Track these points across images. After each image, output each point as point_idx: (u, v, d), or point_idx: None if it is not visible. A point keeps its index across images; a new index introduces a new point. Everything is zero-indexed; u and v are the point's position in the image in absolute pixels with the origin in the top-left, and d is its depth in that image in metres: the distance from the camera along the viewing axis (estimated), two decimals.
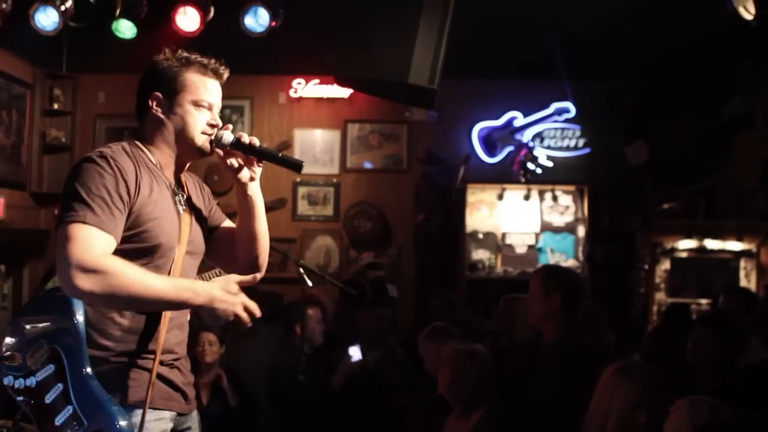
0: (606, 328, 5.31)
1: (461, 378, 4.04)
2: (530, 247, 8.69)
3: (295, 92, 8.75)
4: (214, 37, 6.44)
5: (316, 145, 8.82)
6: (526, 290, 4.27)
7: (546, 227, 8.70)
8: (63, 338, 2.51)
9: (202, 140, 2.68)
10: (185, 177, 2.82)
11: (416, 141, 8.79)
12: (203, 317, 2.54)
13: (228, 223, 2.94)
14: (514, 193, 8.66)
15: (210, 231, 2.87)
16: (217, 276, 4.82)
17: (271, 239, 7.75)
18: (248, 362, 5.86)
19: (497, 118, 8.69)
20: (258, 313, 2.55)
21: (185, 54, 2.72)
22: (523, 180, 8.48)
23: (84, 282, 2.33)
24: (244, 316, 2.50)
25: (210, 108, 2.71)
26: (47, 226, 8.33)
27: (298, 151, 8.78)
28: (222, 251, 2.89)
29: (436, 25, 4.39)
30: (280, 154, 2.81)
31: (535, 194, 8.65)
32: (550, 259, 8.58)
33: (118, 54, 7.31)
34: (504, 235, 8.69)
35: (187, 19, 6.29)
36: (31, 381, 2.54)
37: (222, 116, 8.00)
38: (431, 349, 4.78)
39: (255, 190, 2.83)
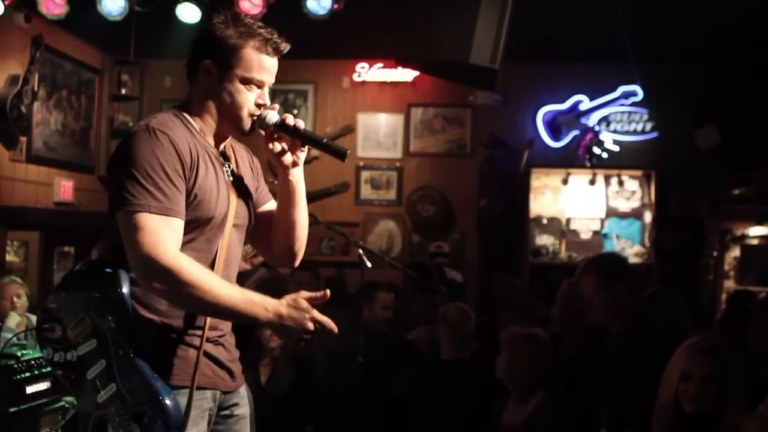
0: (683, 311, 5.17)
1: (519, 362, 3.98)
2: (595, 232, 8.57)
3: (359, 76, 8.75)
4: (276, 20, 6.47)
5: (380, 129, 8.80)
6: None
7: (611, 213, 8.56)
8: (107, 312, 2.41)
9: (246, 119, 2.53)
10: (232, 146, 2.70)
11: (480, 125, 8.72)
12: (274, 332, 2.46)
13: (271, 206, 2.76)
14: (579, 178, 8.53)
15: (254, 208, 2.72)
16: (249, 253, 4.87)
17: (334, 223, 7.79)
18: (315, 346, 5.88)
19: (562, 101, 8.58)
20: (334, 328, 2.46)
21: (246, 23, 2.54)
22: (588, 164, 8.37)
23: (155, 282, 2.30)
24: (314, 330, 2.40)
25: (261, 86, 2.55)
26: None
27: (362, 135, 8.79)
28: (259, 234, 2.75)
29: (498, 4, 4.33)
30: (324, 140, 2.59)
31: (600, 179, 8.51)
32: (615, 245, 8.45)
33: (184, 39, 7.39)
34: (568, 221, 8.58)
35: (250, 3, 6.31)
36: (72, 355, 2.44)
37: (285, 101, 8.02)
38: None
39: (297, 176, 2.64)
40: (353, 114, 8.82)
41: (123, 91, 8.70)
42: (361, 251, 4.99)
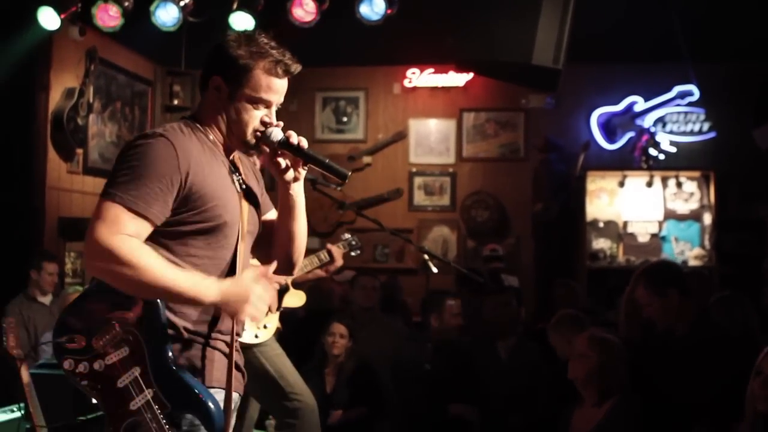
0: (752, 315, 5.07)
1: (597, 366, 3.91)
2: (653, 235, 8.43)
3: (410, 82, 8.71)
4: (329, 27, 6.45)
5: (431, 135, 8.75)
6: None
7: (669, 215, 8.42)
8: (140, 320, 2.43)
9: (250, 136, 2.58)
10: (238, 158, 2.74)
11: (533, 129, 8.63)
12: (225, 312, 2.48)
13: (272, 215, 2.83)
14: (636, 180, 8.40)
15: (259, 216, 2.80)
16: (350, 244, 4.85)
17: (390, 231, 7.73)
18: (367, 351, 5.85)
19: (617, 103, 8.46)
20: (273, 305, 2.52)
21: (258, 43, 2.57)
22: (644, 166, 8.24)
23: (99, 264, 2.34)
24: (260, 307, 2.45)
25: (268, 106, 2.60)
26: None
27: (414, 141, 8.74)
28: (260, 242, 2.79)
29: (560, 3, 4.27)
30: (327, 161, 2.63)
31: (657, 181, 8.38)
32: (674, 248, 8.30)
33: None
34: (625, 224, 8.46)
35: (303, 10, 6.30)
36: (99, 364, 2.42)
37: (337, 108, 7.99)
38: (561, 338, 4.66)
39: (297, 191, 2.69)
40: (405, 120, 8.77)
41: (175, 102, 8.73)
42: (426, 256, 4.94)
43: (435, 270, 4.96)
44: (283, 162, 2.60)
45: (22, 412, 4.30)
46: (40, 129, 7.05)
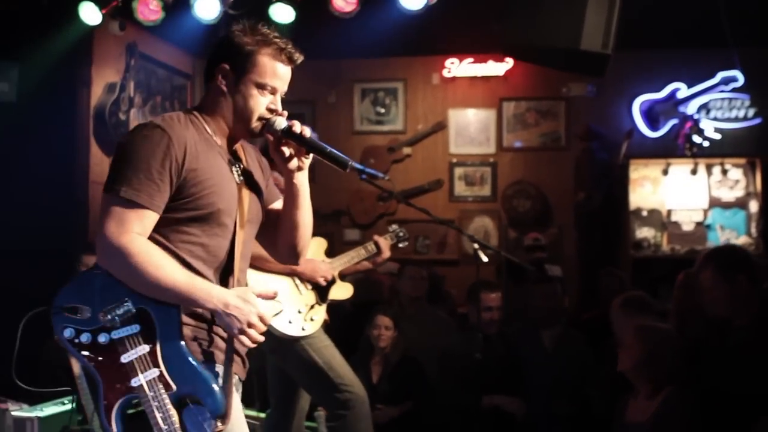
0: None
1: (644, 357, 3.84)
2: (698, 224, 8.30)
3: (449, 72, 8.64)
4: (369, 17, 6.42)
5: (471, 125, 8.68)
6: None
7: (715, 203, 8.28)
8: (157, 300, 2.47)
9: (256, 123, 2.66)
10: (242, 148, 2.82)
11: (574, 117, 8.53)
12: (218, 322, 2.53)
13: (278, 204, 2.90)
14: (680, 168, 8.27)
15: (263, 205, 2.86)
16: (397, 236, 4.83)
17: (430, 221, 7.69)
18: (414, 342, 5.83)
19: (659, 90, 8.33)
20: (269, 321, 2.57)
21: (263, 32, 2.68)
22: (688, 154, 8.11)
23: (108, 261, 2.46)
24: (259, 326, 2.52)
25: (273, 92, 2.68)
26: None
27: (453, 131, 8.68)
28: (266, 231, 2.87)
29: None
30: (329, 149, 2.70)
31: (702, 168, 8.24)
32: (719, 236, 8.17)
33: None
34: (669, 212, 8.33)
35: (344, 1, 6.26)
36: (104, 338, 2.46)
37: (375, 99, 7.96)
38: (626, 321, 4.58)
39: (302, 180, 2.75)
40: (444, 110, 8.71)
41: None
42: (476, 245, 4.89)
43: (485, 259, 4.90)
44: (287, 151, 2.68)
45: (74, 404, 4.33)
46: (82, 124, 7.10)
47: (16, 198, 6.43)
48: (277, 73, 2.66)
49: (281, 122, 2.66)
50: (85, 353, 2.47)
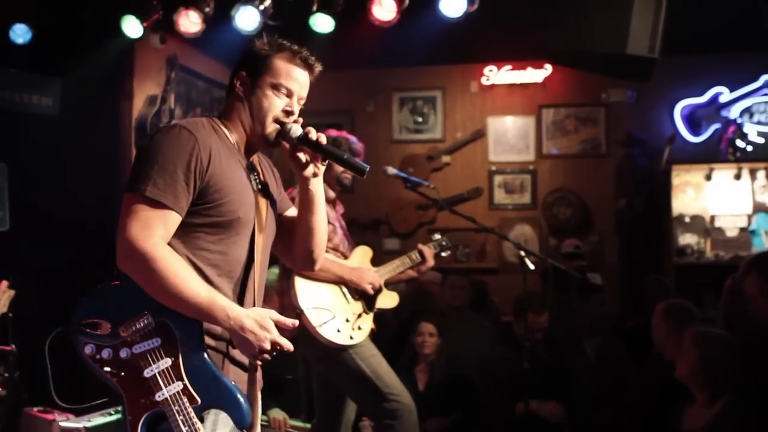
0: None
1: (701, 364, 3.78)
2: (742, 229, 8.18)
3: (487, 80, 8.61)
4: (409, 26, 6.41)
5: (510, 133, 8.64)
6: None
7: (759, 208, 8.15)
8: (176, 312, 2.45)
9: (271, 127, 2.67)
10: (258, 159, 2.83)
11: (614, 123, 8.46)
12: (232, 339, 2.51)
13: (292, 212, 2.93)
14: (723, 173, 8.16)
15: (277, 215, 2.89)
16: (440, 245, 4.82)
17: (470, 230, 7.65)
18: (458, 350, 5.80)
19: (701, 94, 8.24)
20: (290, 348, 2.53)
21: (279, 41, 2.73)
22: (731, 159, 7.99)
23: (130, 264, 2.42)
24: (268, 351, 2.49)
25: (289, 95, 2.69)
26: None
27: (492, 139, 8.64)
28: (281, 239, 2.88)
29: None
30: (345, 156, 2.71)
31: (746, 173, 8.12)
32: (765, 242, 8.04)
33: (312, 52, 7.41)
34: (713, 218, 8.22)
35: (383, 9, 6.26)
36: (126, 353, 2.43)
37: (414, 108, 7.95)
38: (667, 328, 4.53)
39: (317, 187, 2.77)
40: (483, 118, 8.68)
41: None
42: (522, 252, 4.86)
43: (532, 267, 4.86)
44: (302, 157, 2.68)
45: (121, 415, 4.34)
46: (124, 136, 7.15)
47: (59, 211, 6.49)
48: (291, 74, 2.68)
49: (297, 129, 2.66)
50: (107, 369, 2.45)
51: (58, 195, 6.56)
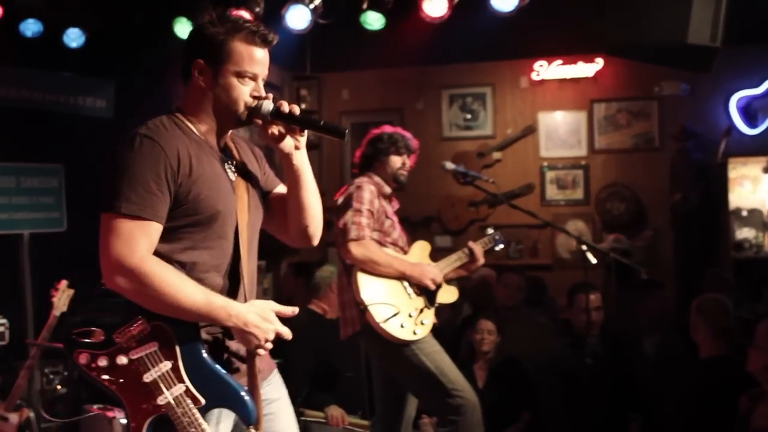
0: None
1: None
2: None
3: (537, 75, 8.53)
4: (460, 22, 6.38)
5: (561, 128, 8.56)
6: None
7: None
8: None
9: (243, 112, 2.60)
10: (233, 142, 2.76)
11: (668, 117, 8.33)
12: (235, 337, 2.50)
13: (282, 189, 2.84)
14: None
15: (264, 195, 2.81)
16: (494, 240, 4.79)
17: (521, 226, 7.62)
18: (515, 348, 5.75)
19: (757, 85, 8.07)
20: (289, 337, 2.51)
21: (232, 19, 2.62)
22: None
23: (121, 282, 2.38)
24: (269, 345, 2.49)
25: (254, 78, 2.60)
26: None
27: (543, 135, 8.56)
28: (274, 218, 2.83)
29: None
30: (321, 122, 2.69)
31: None
32: None
33: (361, 50, 7.42)
34: None
35: (434, 5, 6.23)
36: (123, 359, 2.41)
37: (463, 105, 7.92)
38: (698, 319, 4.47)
39: (301, 160, 2.69)
40: (533, 114, 8.60)
41: (303, 106, 8.77)
42: (584, 247, 4.80)
43: (594, 261, 4.80)
44: (276, 130, 2.62)
45: None
46: None
47: None
48: (254, 58, 2.58)
49: (268, 105, 2.60)
50: (105, 377, 2.43)
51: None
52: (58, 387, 6.04)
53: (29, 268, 6.26)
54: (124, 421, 5.29)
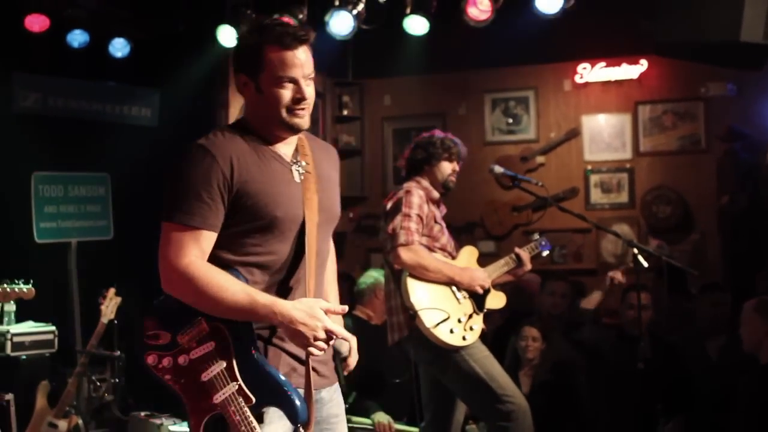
0: None
1: None
2: None
3: (581, 78, 8.44)
4: (504, 25, 6.34)
5: (605, 131, 8.46)
6: None
7: None
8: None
9: (288, 117, 2.60)
10: (306, 143, 2.76)
11: (714, 118, 8.19)
12: (285, 335, 2.52)
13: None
14: None
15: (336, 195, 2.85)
16: (540, 245, 4.75)
17: (567, 230, 7.53)
18: (559, 354, 5.69)
19: None
20: (344, 336, 2.57)
21: (264, 25, 2.62)
22: None
23: (172, 285, 2.51)
24: (323, 341, 2.48)
25: (294, 82, 2.59)
26: (343, 228, 8.58)
27: (587, 138, 8.46)
28: None
29: None
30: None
31: None
32: None
33: (403, 55, 7.42)
34: None
35: (478, 9, 6.21)
36: (184, 359, 2.51)
37: (506, 108, 7.87)
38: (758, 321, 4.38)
39: None
40: (577, 117, 8.52)
41: (345, 112, 8.85)
42: (635, 250, 4.74)
43: (646, 264, 4.73)
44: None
45: None
46: None
47: (159, 220, 6.60)
48: (287, 62, 2.57)
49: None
50: (168, 377, 2.53)
51: (159, 204, 6.67)
52: (106, 394, 6.09)
53: (77, 276, 6.32)
54: (172, 428, 5.33)
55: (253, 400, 2.46)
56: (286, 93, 2.58)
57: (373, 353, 5.26)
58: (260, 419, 2.47)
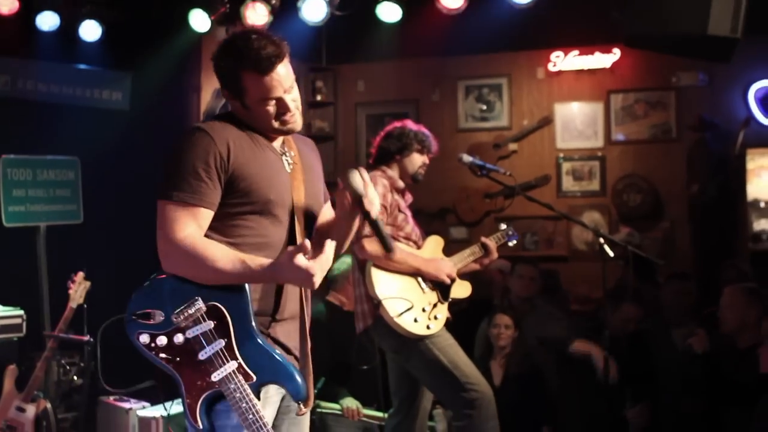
0: None
1: None
2: None
3: (554, 66, 8.47)
4: (475, 13, 6.35)
5: (578, 119, 8.51)
6: None
7: None
8: (226, 294, 2.54)
9: (279, 125, 2.68)
10: (292, 139, 2.84)
11: (685, 107, 8.26)
12: (290, 280, 2.57)
13: (325, 208, 2.94)
14: None
15: (320, 190, 2.92)
16: (507, 235, 4.78)
17: (538, 217, 7.55)
18: (532, 341, 5.73)
19: None
20: (313, 271, 2.51)
21: (239, 46, 2.61)
22: None
23: (170, 261, 2.54)
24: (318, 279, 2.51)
25: (278, 99, 2.64)
26: None
27: (560, 126, 8.51)
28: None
29: None
30: (383, 231, 2.75)
31: None
32: None
33: (376, 41, 7.40)
34: None
35: None
36: (180, 338, 2.52)
37: (479, 96, 7.87)
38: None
39: (352, 223, 2.83)
40: (550, 105, 8.56)
41: (318, 98, 8.82)
42: (601, 240, 4.77)
43: (611, 254, 4.76)
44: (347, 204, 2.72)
45: None
46: None
47: (130, 203, 6.57)
48: (266, 86, 2.61)
49: (358, 183, 2.67)
50: (163, 356, 2.54)
51: (129, 188, 6.64)
52: (75, 378, 6.07)
53: (46, 260, 6.28)
54: (141, 412, 5.33)
55: (254, 377, 2.49)
56: (272, 109, 2.65)
57: (343, 339, 5.30)
58: (258, 397, 2.51)
